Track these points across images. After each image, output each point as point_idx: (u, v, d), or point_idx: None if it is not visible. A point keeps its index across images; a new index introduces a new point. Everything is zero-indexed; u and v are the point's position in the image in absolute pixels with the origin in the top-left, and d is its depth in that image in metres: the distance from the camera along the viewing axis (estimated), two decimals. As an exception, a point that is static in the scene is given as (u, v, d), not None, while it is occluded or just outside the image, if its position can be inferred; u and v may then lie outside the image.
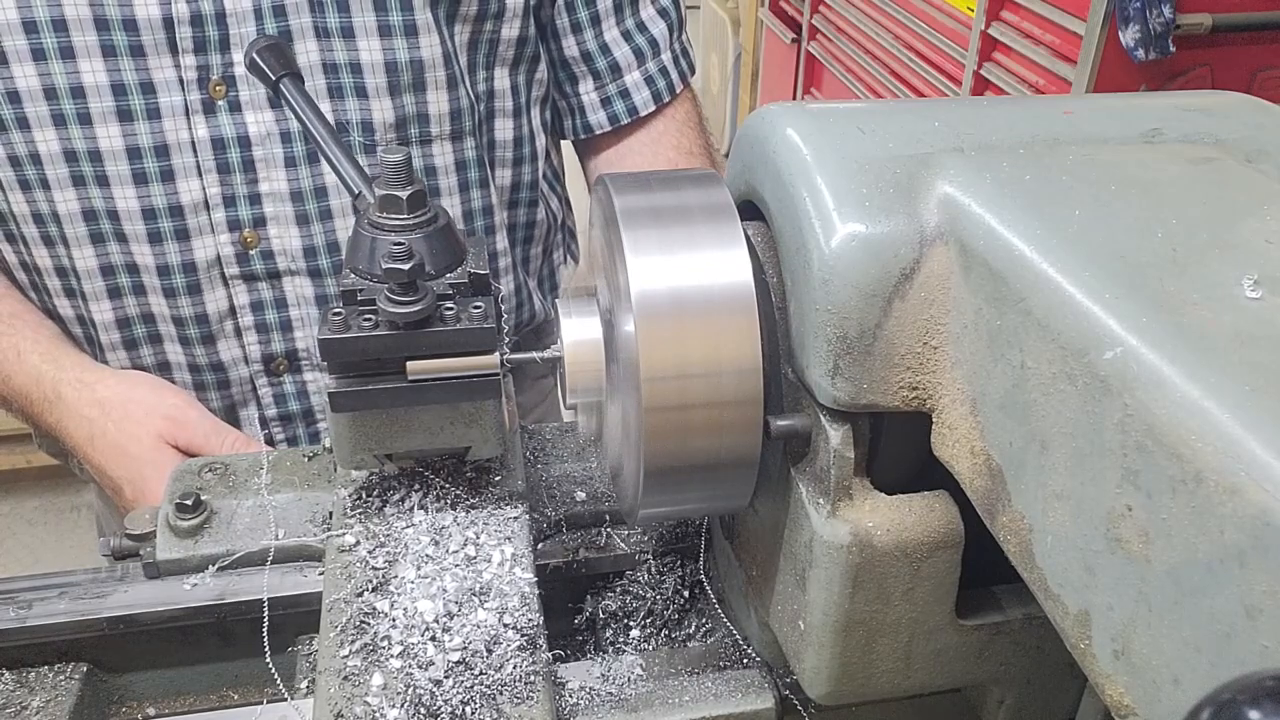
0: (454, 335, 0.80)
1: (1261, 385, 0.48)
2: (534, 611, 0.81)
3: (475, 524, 0.89)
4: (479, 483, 0.93)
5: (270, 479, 0.99)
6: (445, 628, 0.79)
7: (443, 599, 0.81)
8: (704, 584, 1.00)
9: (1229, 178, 0.69)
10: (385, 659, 0.77)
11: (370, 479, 0.93)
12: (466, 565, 0.85)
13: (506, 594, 0.82)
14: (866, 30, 3.77)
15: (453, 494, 0.92)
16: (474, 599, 0.81)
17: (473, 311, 0.81)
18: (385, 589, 0.82)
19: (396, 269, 0.77)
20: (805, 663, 0.78)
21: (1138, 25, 2.35)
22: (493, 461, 0.95)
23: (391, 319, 0.78)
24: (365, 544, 0.86)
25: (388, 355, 0.80)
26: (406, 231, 0.82)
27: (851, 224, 0.67)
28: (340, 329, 0.78)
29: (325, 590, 0.83)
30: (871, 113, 0.78)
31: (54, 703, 0.89)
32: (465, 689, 0.75)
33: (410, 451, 0.90)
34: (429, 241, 0.83)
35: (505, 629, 0.79)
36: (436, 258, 0.84)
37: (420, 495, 0.91)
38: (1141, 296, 0.55)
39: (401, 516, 0.89)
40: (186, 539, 0.94)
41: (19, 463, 3.41)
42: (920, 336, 0.68)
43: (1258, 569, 0.44)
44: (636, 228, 0.72)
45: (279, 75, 0.97)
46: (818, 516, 0.73)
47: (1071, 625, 0.57)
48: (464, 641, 0.78)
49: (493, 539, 0.87)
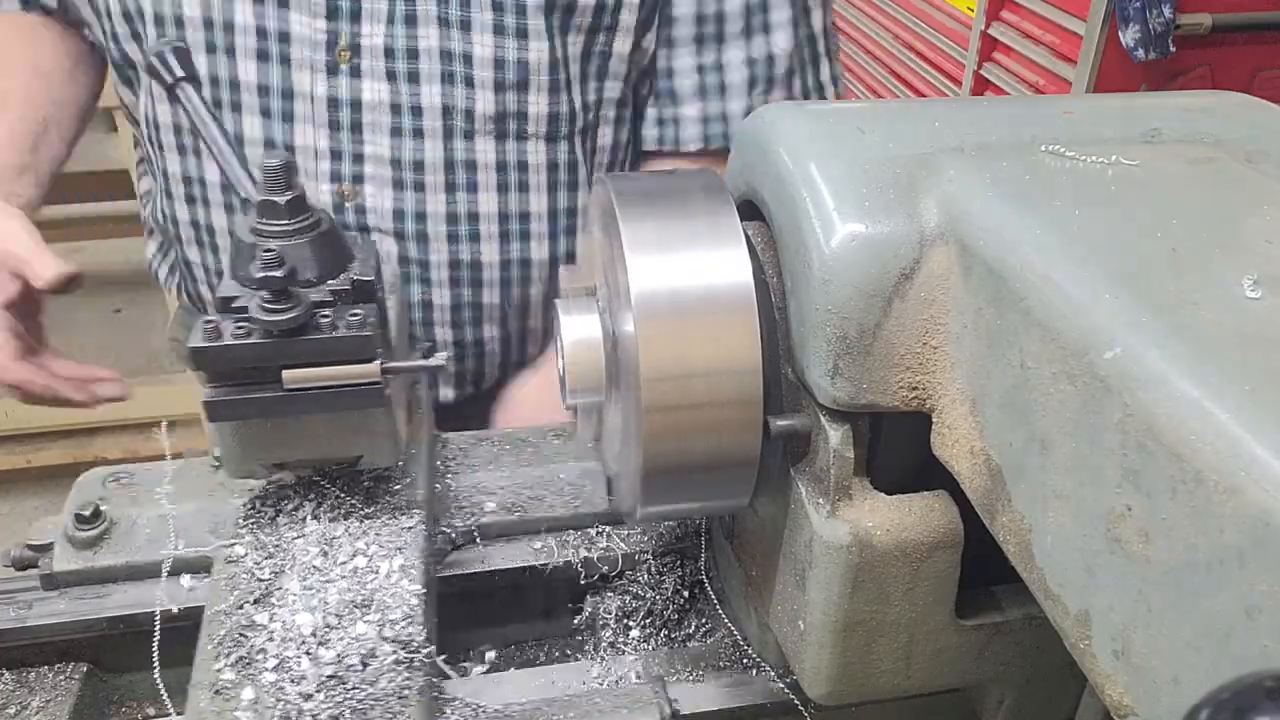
0: (330, 343, 0.78)
1: (1261, 385, 0.48)
2: (417, 625, 0.79)
3: (367, 534, 0.87)
4: (376, 492, 0.91)
5: (173, 489, 0.97)
6: (322, 640, 0.77)
7: (323, 611, 0.79)
8: (704, 584, 1.00)
9: (1229, 178, 0.69)
10: (259, 672, 0.75)
11: (266, 489, 0.91)
12: (353, 577, 0.83)
13: (390, 606, 0.80)
14: (866, 30, 3.77)
15: (347, 504, 0.90)
16: (355, 611, 0.80)
17: (350, 319, 0.79)
18: (267, 601, 0.81)
19: (269, 276, 0.75)
20: (805, 663, 0.78)
21: (1138, 25, 2.35)
22: (393, 471, 0.93)
23: (264, 327, 0.77)
24: (253, 555, 0.85)
25: (262, 364, 0.78)
26: (286, 237, 0.81)
27: (851, 224, 0.67)
28: (212, 337, 0.77)
29: (208, 602, 0.82)
30: (871, 113, 0.78)
31: (54, 703, 0.89)
32: (335, 704, 0.74)
33: (304, 460, 0.88)
34: (311, 247, 0.81)
35: (383, 642, 0.78)
36: (319, 264, 0.82)
37: (314, 505, 0.89)
38: (1141, 296, 0.55)
39: (294, 526, 0.87)
40: (85, 550, 0.92)
41: (19, 463, 3.41)
42: (920, 336, 0.68)
43: (1258, 569, 0.44)
44: (636, 228, 0.72)
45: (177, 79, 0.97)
46: (818, 516, 0.73)
47: (1071, 625, 0.57)
48: (339, 655, 0.76)
49: (384, 550, 0.85)
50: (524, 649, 1.05)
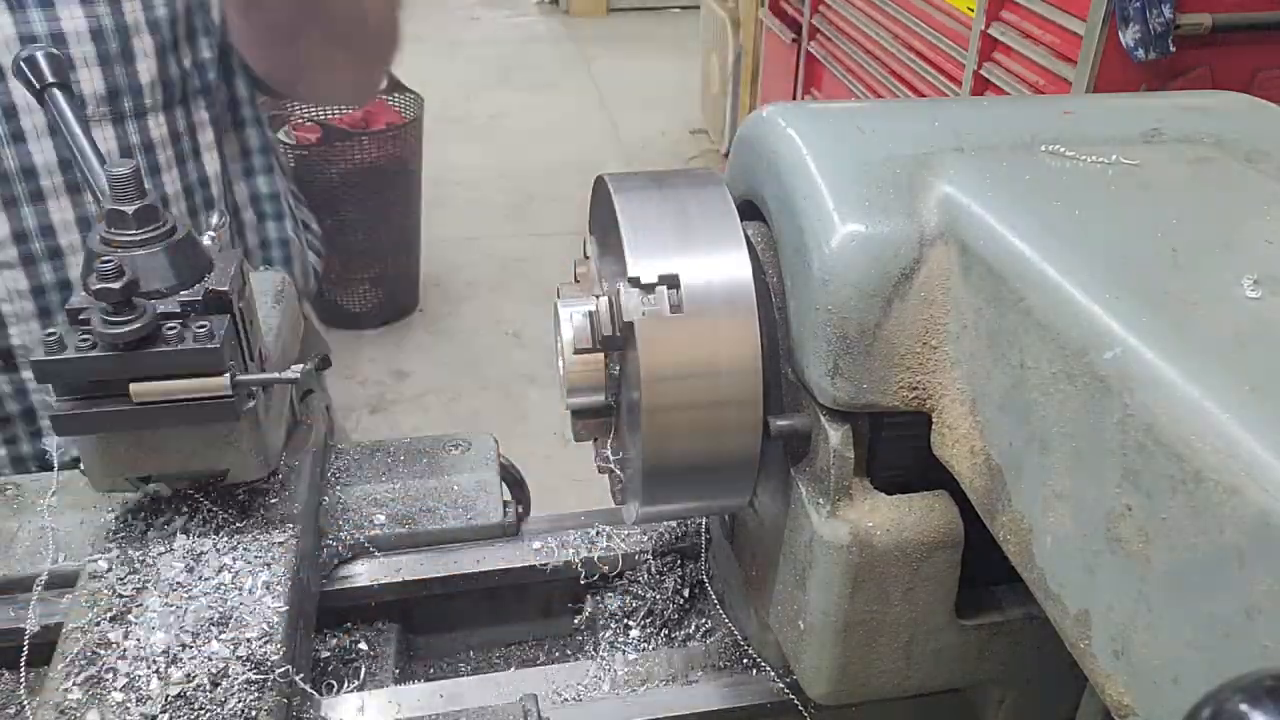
0: (177, 356, 0.77)
1: (1261, 385, 0.48)
2: (275, 643, 0.77)
3: (236, 549, 0.85)
4: (250, 505, 0.89)
5: (57, 500, 0.95)
6: (174, 659, 0.76)
7: (179, 629, 0.77)
8: (704, 584, 1.00)
9: (1229, 178, 0.69)
10: (108, 692, 0.73)
11: (140, 501, 0.89)
12: (215, 593, 0.81)
13: (247, 624, 0.78)
14: (866, 30, 3.77)
15: (219, 517, 0.88)
16: (211, 629, 0.78)
17: (197, 331, 0.77)
18: (124, 618, 0.79)
19: (106, 288, 0.73)
20: (805, 663, 0.78)
21: (1138, 25, 2.35)
22: (270, 483, 0.91)
23: (107, 339, 0.75)
24: (117, 570, 0.83)
25: (109, 376, 0.77)
26: (135, 246, 0.79)
27: (851, 224, 0.67)
28: (55, 349, 0.75)
29: (67, 619, 0.80)
30: (871, 113, 0.77)
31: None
32: None
33: (170, 474, 0.86)
34: (163, 256, 0.79)
35: (236, 661, 0.76)
36: (174, 272, 0.80)
37: (185, 519, 0.87)
38: (1141, 296, 0.55)
39: (162, 541, 0.85)
40: None
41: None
42: (920, 336, 0.68)
43: (1258, 569, 0.44)
44: (636, 227, 0.72)
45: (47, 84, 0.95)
46: (818, 516, 0.73)
47: (1071, 625, 0.57)
48: (189, 674, 0.75)
49: (250, 565, 0.84)
50: (524, 648, 1.05)
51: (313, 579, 0.91)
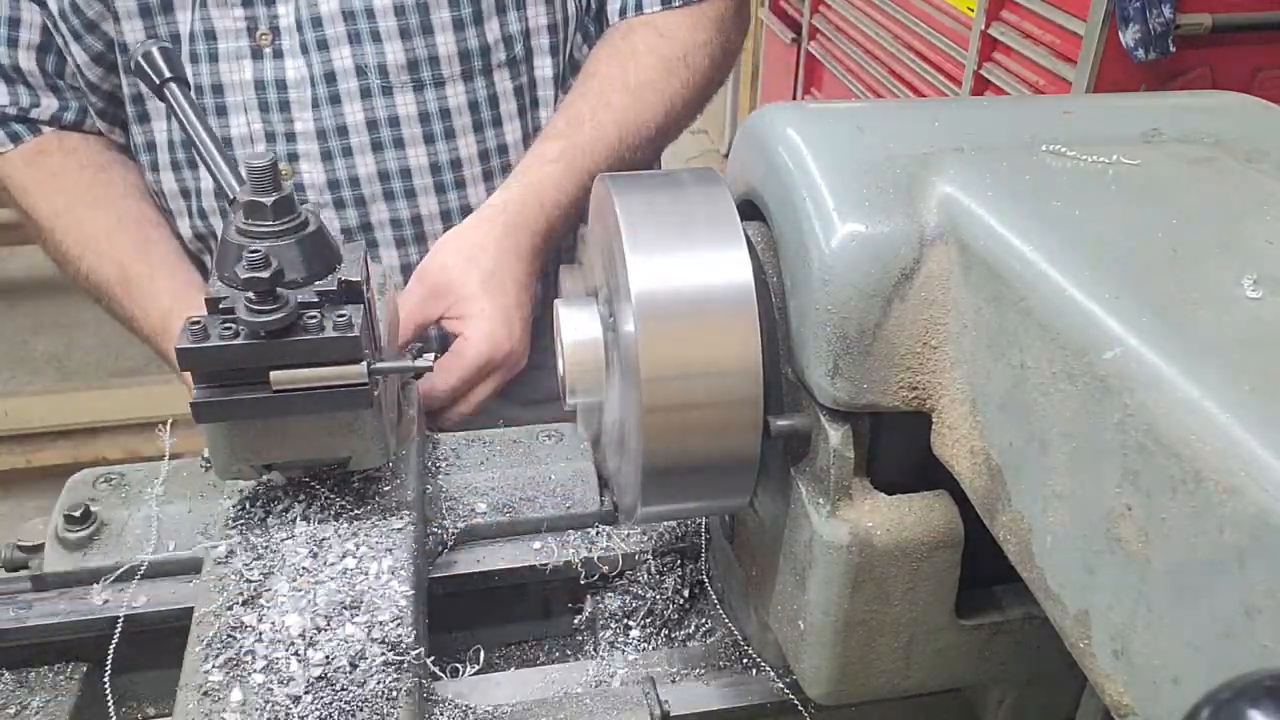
0: (317, 344, 0.78)
1: (1261, 385, 0.48)
2: (406, 626, 0.79)
3: (357, 535, 0.87)
4: (366, 493, 0.91)
5: (164, 490, 0.97)
6: (311, 642, 0.77)
7: (312, 613, 0.79)
8: (704, 584, 1.00)
9: (1229, 178, 0.69)
10: (248, 674, 0.75)
11: (256, 489, 0.91)
12: (342, 578, 0.83)
13: (378, 608, 0.80)
14: (866, 30, 3.77)
15: (337, 504, 0.89)
16: (344, 612, 0.79)
17: (337, 319, 0.79)
18: (256, 602, 0.80)
19: (255, 277, 0.75)
20: (805, 663, 0.78)
21: (1138, 25, 2.35)
22: (383, 471, 0.93)
23: (251, 328, 0.76)
24: (242, 555, 0.84)
25: (250, 365, 0.78)
26: (272, 238, 0.80)
27: (851, 224, 0.67)
28: (199, 337, 0.77)
29: (197, 603, 0.81)
30: (871, 113, 0.78)
31: (54, 703, 0.89)
32: (324, 705, 0.74)
33: (293, 462, 0.88)
34: (299, 247, 0.81)
35: (372, 644, 0.77)
36: (306, 264, 0.81)
37: (304, 506, 0.89)
38: (1141, 296, 0.55)
39: (283, 528, 0.87)
40: (75, 551, 0.92)
41: (19, 463, 3.41)
42: (920, 336, 0.68)
43: (1257, 569, 0.44)
44: (636, 227, 0.72)
45: (165, 79, 0.97)
46: (818, 516, 0.73)
47: (1071, 625, 0.57)
48: (327, 656, 0.76)
49: (373, 551, 0.85)
50: (523, 648, 1.05)
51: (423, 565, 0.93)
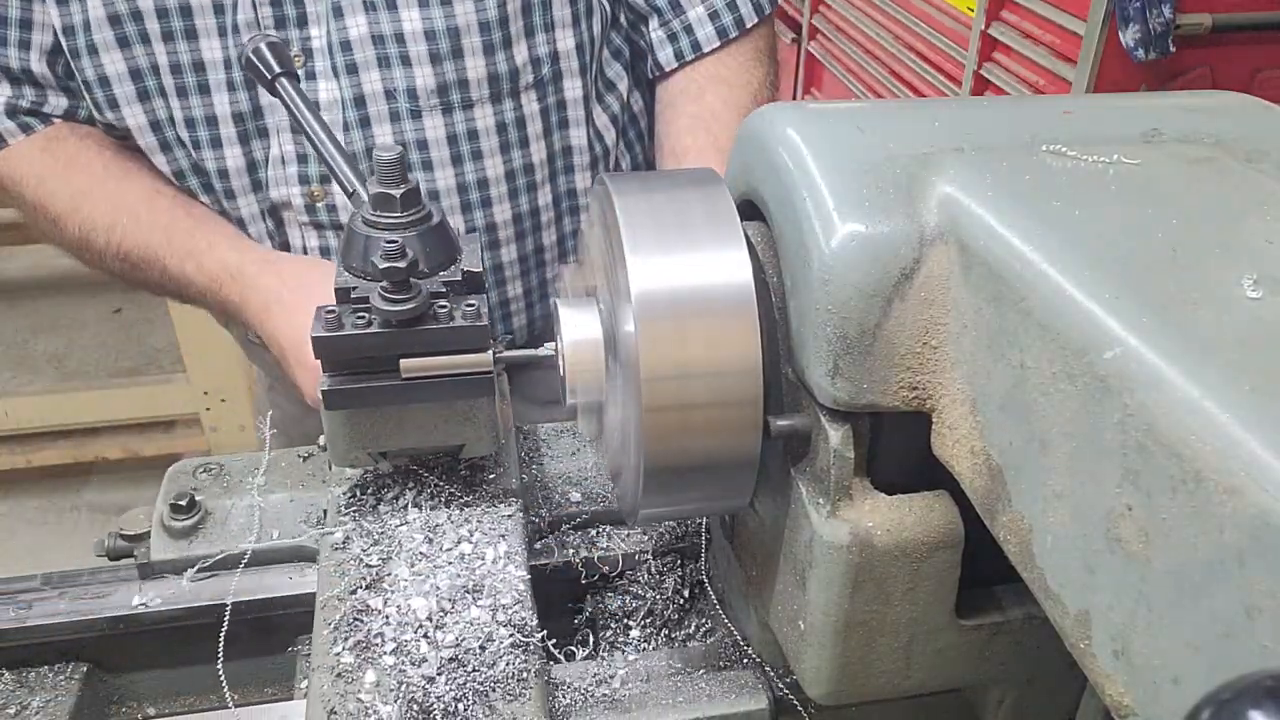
0: (447, 333, 0.80)
1: (1261, 385, 0.48)
2: (527, 609, 0.81)
3: (469, 521, 0.89)
4: (473, 481, 0.93)
5: (265, 480, 0.99)
6: (439, 625, 0.79)
7: (436, 596, 0.81)
8: (704, 584, 1.00)
9: (1229, 178, 0.69)
10: (379, 656, 0.77)
11: (364, 477, 0.93)
12: (460, 563, 0.84)
13: (500, 591, 0.82)
14: (866, 30, 3.77)
15: (447, 492, 0.91)
16: (467, 596, 0.81)
17: (465, 309, 0.81)
18: (379, 586, 0.82)
19: (393, 267, 0.77)
20: (805, 663, 0.78)
21: (1138, 25, 2.35)
22: (486, 460, 0.95)
23: (385, 317, 0.78)
24: (359, 541, 0.86)
25: (381, 353, 0.80)
26: (400, 230, 0.82)
27: (851, 224, 0.67)
28: (334, 326, 0.78)
29: (319, 588, 0.83)
30: (871, 113, 0.78)
31: (54, 703, 0.89)
32: (458, 686, 0.75)
33: (404, 450, 0.90)
34: (422, 239, 0.83)
35: (499, 626, 0.79)
36: (430, 255, 0.83)
37: (414, 493, 0.91)
38: (1141, 296, 0.55)
39: (395, 514, 0.89)
40: (181, 540, 0.94)
41: (19, 463, 3.41)
42: (920, 336, 0.68)
43: (1258, 569, 0.44)
44: (636, 228, 0.72)
45: (275, 74, 0.98)
46: (818, 516, 0.73)
47: (1071, 625, 0.57)
48: (457, 638, 0.78)
49: (486, 537, 0.87)
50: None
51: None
